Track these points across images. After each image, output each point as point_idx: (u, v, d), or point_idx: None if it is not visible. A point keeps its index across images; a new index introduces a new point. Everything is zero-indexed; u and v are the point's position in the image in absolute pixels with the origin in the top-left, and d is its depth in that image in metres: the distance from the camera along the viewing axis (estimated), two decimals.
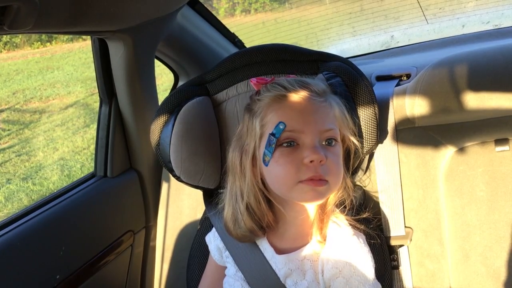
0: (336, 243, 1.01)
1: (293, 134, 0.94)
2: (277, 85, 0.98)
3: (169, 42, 1.53)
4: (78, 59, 9.23)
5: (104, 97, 1.45)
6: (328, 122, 0.96)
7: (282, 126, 0.93)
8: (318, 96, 0.97)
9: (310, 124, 0.94)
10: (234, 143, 1.06)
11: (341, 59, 1.22)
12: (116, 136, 1.47)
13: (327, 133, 0.96)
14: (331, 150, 0.96)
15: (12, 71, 9.13)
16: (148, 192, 1.55)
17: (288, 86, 0.96)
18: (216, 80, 1.30)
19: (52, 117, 6.82)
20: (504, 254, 1.18)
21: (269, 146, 0.94)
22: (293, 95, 0.95)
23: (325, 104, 0.97)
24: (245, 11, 5.90)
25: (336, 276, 0.98)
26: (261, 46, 1.28)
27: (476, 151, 1.23)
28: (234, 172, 1.04)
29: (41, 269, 1.21)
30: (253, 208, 1.01)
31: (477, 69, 1.18)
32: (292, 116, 0.94)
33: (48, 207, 1.30)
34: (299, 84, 0.97)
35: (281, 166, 0.94)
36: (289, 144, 0.94)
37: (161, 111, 1.24)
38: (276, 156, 0.94)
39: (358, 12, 2.25)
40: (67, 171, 5.03)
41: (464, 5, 2.08)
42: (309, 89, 0.96)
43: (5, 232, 1.19)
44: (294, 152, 0.94)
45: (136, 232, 1.52)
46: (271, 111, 0.96)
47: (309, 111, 0.95)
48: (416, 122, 1.25)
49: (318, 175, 0.93)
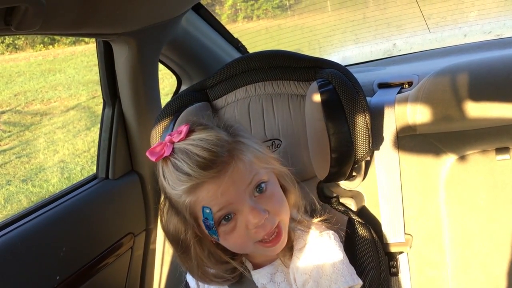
0: (304, 249, 1.01)
1: (225, 210, 0.89)
2: (181, 173, 0.88)
3: (173, 46, 1.54)
4: (80, 62, 9.24)
5: (107, 99, 1.46)
6: (247, 176, 0.90)
7: (208, 211, 0.89)
8: (225, 163, 0.88)
9: (233, 193, 0.89)
10: (166, 217, 0.99)
11: (337, 66, 1.23)
12: (118, 138, 1.48)
13: (251, 184, 0.91)
14: (266, 195, 0.93)
15: (14, 73, 9.14)
16: (149, 195, 1.56)
17: (192, 173, 0.86)
18: (216, 86, 1.32)
19: (53, 119, 6.83)
20: (504, 263, 1.18)
21: (210, 229, 0.92)
22: (201, 179, 0.87)
23: (236, 166, 0.89)
24: (247, 18, 5.92)
25: (307, 282, 0.98)
26: (259, 53, 1.30)
27: (477, 160, 1.23)
28: (179, 248, 0.99)
29: (41, 270, 1.21)
30: (214, 269, 1.01)
31: (479, 78, 1.19)
32: (212, 197, 0.88)
33: (49, 207, 1.30)
34: (202, 165, 0.86)
35: (231, 241, 0.93)
36: (227, 217, 0.90)
37: (162, 116, 1.26)
38: (222, 234, 0.92)
39: (360, 19, 2.26)
40: (67, 173, 5.03)
41: (466, 14, 2.09)
42: (213, 166, 0.87)
43: (6, 232, 1.19)
44: (236, 223, 0.91)
45: (137, 235, 1.52)
46: (191, 199, 0.90)
47: (226, 185, 0.88)
48: (418, 130, 1.26)
49: (268, 231, 0.92)
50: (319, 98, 1.12)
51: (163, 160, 0.92)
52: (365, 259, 1.17)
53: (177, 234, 0.97)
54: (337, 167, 1.15)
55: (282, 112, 1.25)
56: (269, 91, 1.27)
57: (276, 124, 1.25)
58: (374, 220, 1.28)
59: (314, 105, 1.14)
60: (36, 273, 1.20)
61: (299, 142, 1.23)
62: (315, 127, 1.15)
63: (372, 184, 1.29)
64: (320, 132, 1.13)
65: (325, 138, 1.12)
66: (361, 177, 1.29)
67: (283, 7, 5.10)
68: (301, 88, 1.25)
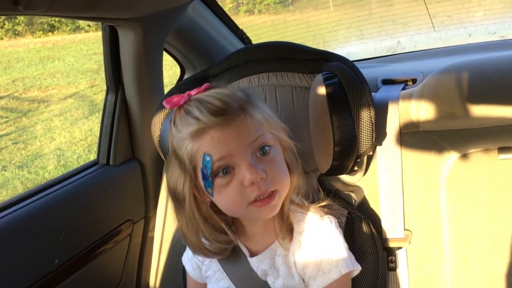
0: (304, 233, 1.01)
1: (224, 162, 0.90)
2: (190, 117, 0.91)
3: (178, 34, 1.54)
4: (80, 50, 9.21)
5: (111, 85, 1.45)
6: (253, 132, 0.92)
7: (208, 158, 0.89)
8: (235, 115, 0.91)
9: (236, 145, 0.90)
10: (170, 169, 1.00)
11: (343, 60, 1.23)
12: (120, 125, 1.47)
13: (256, 142, 0.92)
14: (268, 159, 0.93)
15: (12, 59, 9.11)
16: (149, 183, 1.55)
17: (200, 118, 0.89)
18: (219, 76, 1.31)
19: (50, 106, 6.81)
20: (503, 262, 1.19)
21: (206, 180, 0.91)
22: (209, 126, 0.89)
23: (244, 119, 0.91)
24: (248, 12, 5.91)
25: (307, 265, 0.98)
26: (264, 44, 1.29)
27: (479, 158, 1.23)
28: (176, 200, 1.00)
29: (40, 252, 1.21)
30: (202, 235, 1.01)
31: (484, 77, 1.19)
32: (215, 145, 0.90)
33: (50, 191, 1.30)
34: (212, 111, 0.89)
35: (225, 196, 0.93)
36: (225, 171, 0.91)
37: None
38: (216, 187, 0.92)
39: (366, 15, 2.25)
40: (64, 161, 5.02)
41: (472, 14, 2.09)
42: (223, 113, 0.90)
43: (7, 213, 1.18)
44: (232, 178, 0.91)
45: (135, 222, 1.52)
46: (194, 145, 0.92)
47: (230, 135, 0.90)
48: (421, 126, 1.26)
49: (262, 191, 0.91)
50: (324, 91, 1.12)
51: (177, 109, 0.94)
52: (364, 253, 1.18)
53: (175, 185, 0.97)
54: (339, 160, 1.15)
55: (286, 103, 1.25)
56: (273, 82, 1.26)
57: (279, 116, 1.24)
58: (374, 215, 1.29)
59: (319, 97, 1.14)
60: (35, 255, 1.20)
61: (301, 135, 1.23)
62: (318, 120, 1.15)
63: (373, 179, 1.29)
64: (324, 125, 1.13)
65: (329, 131, 1.12)
66: (362, 172, 1.29)
67: (285, 2, 5.09)
68: (306, 80, 1.24)
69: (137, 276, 1.57)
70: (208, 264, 1.11)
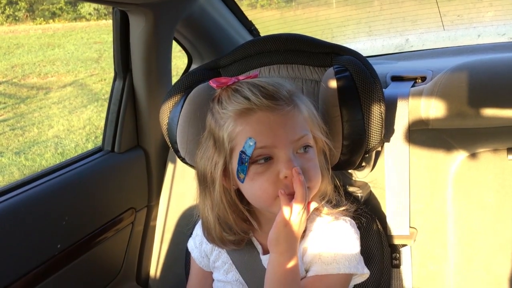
0: (318, 231, 0.99)
1: (265, 150, 0.89)
2: (240, 95, 0.90)
3: (188, 23, 1.53)
4: (80, 39, 9.18)
5: (119, 72, 1.44)
6: (299, 129, 0.91)
7: (252, 143, 0.88)
8: (285, 104, 0.91)
9: (281, 137, 0.89)
10: (202, 150, 0.99)
11: (354, 54, 1.22)
12: (127, 112, 1.46)
13: (300, 142, 0.91)
14: (307, 157, 0.92)
15: (12, 45, 9.06)
16: (153, 171, 1.55)
17: (251, 97, 0.89)
18: (230, 66, 1.30)
19: (49, 94, 6.78)
20: (507, 263, 1.19)
21: (242, 164, 0.89)
22: (258, 107, 0.89)
23: (293, 110, 0.91)
24: (250, 6, 5.89)
25: (314, 261, 0.96)
26: (275, 35, 1.28)
27: (488, 158, 1.23)
28: (203, 182, 0.99)
29: (43, 237, 1.21)
30: (224, 221, 0.99)
31: (496, 77, 1.18)
32: (261, 131, 0.88)
33: (54, 176, 1.29)
34: (263, 94, 0.89)
35: (258, 184, 0.90)
36: (263, 159, 0.89)
37: (173, 92, 1.24)
38: (251, 173, 0.90)
39: (377, 11, 2.24)
40: (61, 149, 5.00)
41: (482, 14, 2.08)
42: (274, 98, 0.90)
43: (10, 196, 1.17)
44: (269, 168, 0.89)
45: (138, 210, 1.51)
46: (237, 125, 0.90)
47: (278, 123, 0.89)
48: (430, 124, 1.26)
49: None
50: (335, 84, 1.11)
51: (225, 88, 0.94)
52: (370, 249, 1.17)
53: (205, 166, 0.97)
54: (348, 155, 1.14)
55: None
56: (284, 75, 1.25)
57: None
58: (380, 211, 1.28)
59: (330, 91, 1.13)
60: (38, 239, 1.19)
61: None
62: (328, 113, 1.14)
63: (380, 176, 1.29)
64: (334, 118, 1.12)
65: (338, 124, 1.11)
66: (370, 168, 1.28)
67: None
68: (316, 73, 1.23)
69: (137, 264, 1.56)
70: (217, 255, 1.10)
